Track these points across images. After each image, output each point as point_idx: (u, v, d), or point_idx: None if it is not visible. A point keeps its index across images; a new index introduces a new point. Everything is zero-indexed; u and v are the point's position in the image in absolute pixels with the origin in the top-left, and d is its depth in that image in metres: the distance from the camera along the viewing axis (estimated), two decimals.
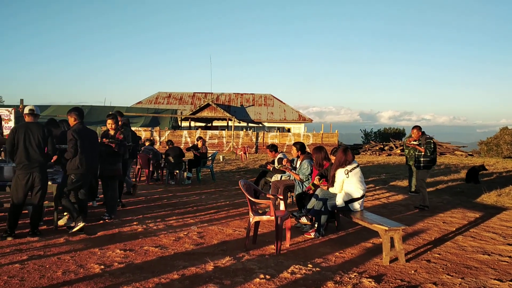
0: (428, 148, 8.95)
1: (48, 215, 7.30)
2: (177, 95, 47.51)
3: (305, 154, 8.25)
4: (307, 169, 7.77)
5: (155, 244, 5.91)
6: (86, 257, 5.25)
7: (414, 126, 9.61)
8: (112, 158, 7.45)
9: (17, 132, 6.01)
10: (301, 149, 8.36)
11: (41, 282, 4.38)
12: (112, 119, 7.62)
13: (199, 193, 10.83)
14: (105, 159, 7.34)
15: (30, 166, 6.01)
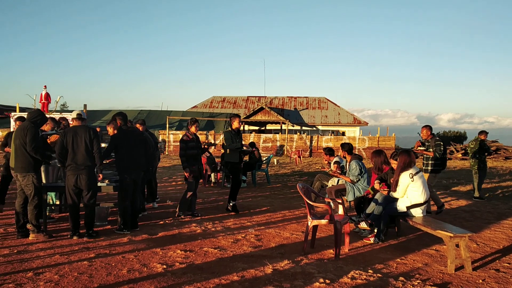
0: (438, 151, 8.55)
1: (113, 215, 7.59)
2: (231, 99, 48.13)
3: (353, 155, 8.26)
4: (356, 169, 7.74)
5: (214, 245, 6.01)
6: (149, 256, 5.42)
7: (425, 125, 9.17)
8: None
9: (66, 136, 6.29)
10: (349, 151, 8.38)
11: (108, 279, 4.57)
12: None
13: (255, 196, 10.89)
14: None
15: (78, 168, 6.26)
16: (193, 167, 7.86)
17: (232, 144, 8.30)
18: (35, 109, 7.44)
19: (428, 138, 8.95)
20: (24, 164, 6.19)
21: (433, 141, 8.76)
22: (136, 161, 6.81)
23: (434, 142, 8.73)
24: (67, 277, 4.60)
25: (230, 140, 8.33)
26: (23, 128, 6.23)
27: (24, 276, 4.60)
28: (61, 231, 6.58)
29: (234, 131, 8.44)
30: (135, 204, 6.90)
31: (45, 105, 28.57)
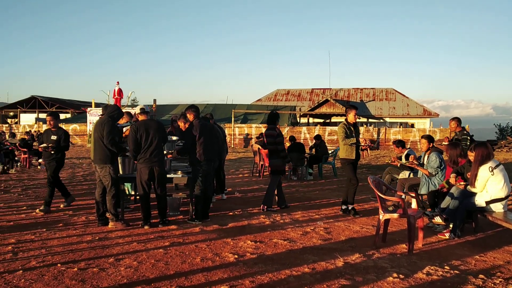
0: (463, 144, 7.97)
1: (184, 205, 7.83)
2: (295, 92, 47.94)
3: (433, 147, 7.87)
4: (435, 161, 7.38)
5: (283, 237, 6.03)
6: (220, 246, 5.55)
7: (453, 118, 8.73)
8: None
9: (138, 130, 6.52)
10: (431, 142, 7.98)
11: (183, 267, 4.74)
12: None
13: (322, 189, 10.81)
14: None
15: (151, 161, 6.49)
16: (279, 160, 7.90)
17: (348, 138, 7.48)
18: (112, 104, 7.79)
19: (456, 130, 8.65)
20: (101, 156, 6.54)
21: (461, 134, 8.47)
22: (209, 153, 6.97)
23: (461, 136, 8.43)
24: (145, 263, 4.82)
25: (345, 134, 7.50)
26: (102, 122, 6.57)
27: (106, 261, 4.88)
28: (137, 220, 6.88)
29: (350, 124, 7.67)
30: (207, 195, 7.07)
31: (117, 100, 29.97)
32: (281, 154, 7.87)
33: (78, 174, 13.78)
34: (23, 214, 7.38)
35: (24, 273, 4.45)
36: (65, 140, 7.97)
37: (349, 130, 7.54)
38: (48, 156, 7.86)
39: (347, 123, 7.65)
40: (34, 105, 46.60)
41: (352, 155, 7.55)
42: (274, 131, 7.87)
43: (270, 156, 7.96)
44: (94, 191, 7.47)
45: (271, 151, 7.93)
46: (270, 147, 7.90)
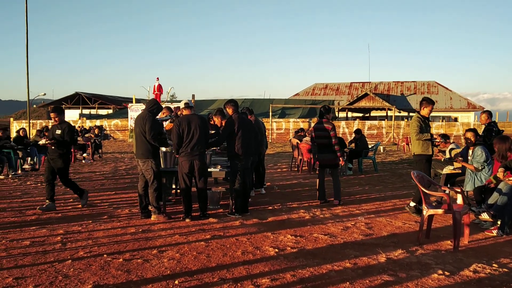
0: (488, 136, 7.85)
1: (224, 199, 7.90)
2: (333, 86, 47.41)
3: (477, 141, 7.62)
4: (481, 156, 7.11)
5: (323, 232, 5.99)
6: (260, 240, 5.57)
7: (484, 110, 8.61)
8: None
9: (181, 125, 6.61)
10: (477, 136, 7.74)
11: (224, 259, 4.79)
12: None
13: (362, 184, 10.66)
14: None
15: (192, 154, 6.57)
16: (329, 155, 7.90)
17: (422, 133, 6.99)
18: (152, 99, 7.89)
19: (486, 122, 8.55)
20: (143, 151, 6.69)
21: (486, 127, 8.38)
22: (247, 147, 7.00)
23: (486, 128, 8.34)
24: (187, 255, 4.90)
25: (419, 129, 7.02)
26: (143, 117, 6.71)
27: (149, 253, 4.99)
28: (178, 213, 7.00)
29: (424, 118, 7.24)
30: (246, 189, 7.11)
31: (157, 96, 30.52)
32: (331, 148, 7.85)
33: (121, 168, 14.15)
34: (69, 206, 7.65)
35: (73, 263, 4.62)
36: (68, 133, 7.49)
37: (424, 124, 7.11)
38: (52, 152, 7.48)
39: (422, 116, 7.20)
40: (78, 101, 48.15)
41: (429, 151, 7.08)
42: (328, 124, 7.83)
43: (319, 150, 7.91)
44: (136, 185, 7.65)
45: (320, 145, 7.88)
46: (319, 140, 7.85)
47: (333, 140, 7.80)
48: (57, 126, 7.53)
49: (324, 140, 7.87)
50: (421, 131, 7.00)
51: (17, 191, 9.29)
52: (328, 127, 7.83)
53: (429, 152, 7.07)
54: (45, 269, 4.42)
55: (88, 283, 4.07)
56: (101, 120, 35.13)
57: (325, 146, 7.89)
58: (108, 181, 11.02)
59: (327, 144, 7.86)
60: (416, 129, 7.00)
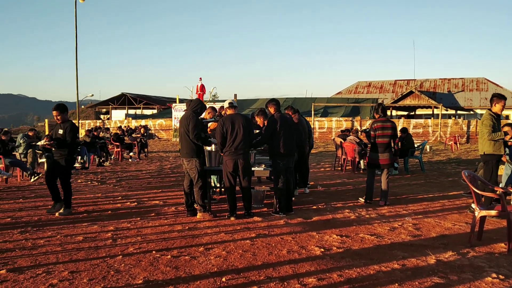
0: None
1: (268, 198, 7.92)
2: (377, 84, 46.52)
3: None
4: None
5: (370, 232, 5.90)
6: (305, 239, 5.55)
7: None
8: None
9: (225, 124, 6.67)
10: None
11: (270, 258, 4.80)
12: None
13: (408, 184, 10.42)
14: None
15: (236, 153, 6.61)
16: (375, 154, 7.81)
17: (495, 133, 6.58)
18: (195, 99, 7.99)
19: None
20: (188, 150, 6.80)
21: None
22: (289, 147, 6.99)
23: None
24: (233, 253, 4.95)
25: (492, 128, 6.62)
26: (186, 117, 6.82)
27: (196, 250, 5.08)
28: (223, 211, 7.08)
29: (496, 115, 6.80)
30: (290, 188, 7.10)
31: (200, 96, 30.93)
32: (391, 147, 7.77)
33: (166, 167, 14.46)
34: (118, 204, 7.89)
35: (123, 258, 4.76)
36: (70, 133, 7.01)
37: (497, 122, 6.72)
38: (55, 152, 7.13)
39: (494, 114, 6.74)
40: (124, 102, 49.55)
41: (501, 150, 6.72)
42: (380, 123, 7.71)
43: (377, 149, 7.77)
44: (181, 183, 7.80)
45: (381, 144, 7.75)
46: (383, 139, 7.72)
47: (395, 139, 7.69)
48: (60, 125, 7.16)
49: (387, 138, 7.72)
50: (494, 130, 6.62)
51: None
52: (393, 125, 7.73)
53: (501, 152, 6.73)
54: (98, 264, 4.58)
55: (139, 278, 4.19)
56: (146, 120, 36.01)
57: (386, 145, 7.74)
58: (154, 179, 11.29)
59: (388, 143, 7.74)
60: (489, 128, 6.61)
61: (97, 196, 8.68)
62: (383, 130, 7.69)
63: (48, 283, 4.05)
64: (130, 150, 17.57)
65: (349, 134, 13.74)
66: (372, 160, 7.87)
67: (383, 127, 7.71)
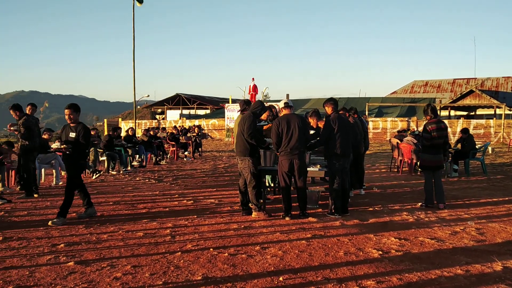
0: None
1: (322, 199, 7.85)
2: (434, 83, 44.94)
3: None
4: None
5: (430, 236, 5.72)
6: (362, 241, 5.46)
7: None
8: None
9: (280, 124, 6.66)
10: None
11: (326, 259, 4.76)
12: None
13: (469, 187, 9.98)
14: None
15: (291, 153, 6.59)
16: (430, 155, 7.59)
17: None
18: (257, 100, 8.04)
19: None
20: (242, 149, 6.87)
21: None
22: (345, 148, 6.90)
23: None
24: (289, 253, 4.94)
25: None
26: (244, 117, 6.89)
27: (253, 249, 5.12)
28: (277, 211, 7.09)
29: None
30: (346, 189, 7.01)
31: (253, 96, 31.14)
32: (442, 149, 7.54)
33: (219, 166, 14.67)
34: (176, 202, 8.10)
35: (182, 255, 4.88)
36: (84, 137, 6.62)
37: None
38: (67, 157, 6.84)
39: None
40: (178, 102, 50.74)
41: None
42: (435, 124, 7.48)
43: (432, 150, 7.56)
44: (235, 182, 7.90)
45: (436, 146, 7.53)
46: (438, 141, 7.49)
47: (447, 139, 7.48)
48: (71, 128, 6.66)
49: (441, 140, 7.50)
50: None
51: (128, 186, 10.03)
52: (446, 126, 7.51)
53: None
54: (158, 260, 4.73)
55: (198, 274, 4.28)
56: (199, 120, 36.71)
57: (441, 146, 7.54)
58: (208, 178, 11.49)
59: (442, 144, 7.53)
60: None
61: (155, 194, 8.95)
62: (438, 131, 7.44)
63: (113, 276, 4.22)
64: (185, 149, 17.97)
65: (406, 135, 13.36)
66: (427, 162, 7.62)
67: (438, 128, 7.45)
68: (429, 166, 7.60)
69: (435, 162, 7.53)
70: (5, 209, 7.36)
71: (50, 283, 4.05)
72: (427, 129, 7.48)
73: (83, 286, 3.99)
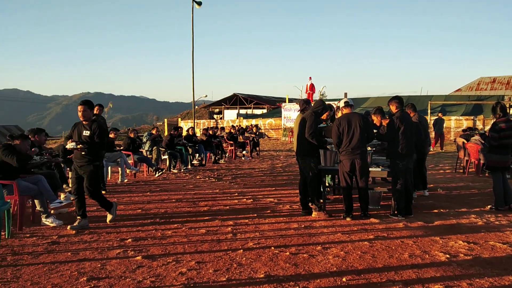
0: None
1: (384, 200, 7.67)
2: (503, 79, 42.63)
3: None
4: None
5: (501, 240, 5.43)
6: (428, 244, 5.28)
7: None
8: None
9: (341, 124, 6.57)
10: None
11: (390, 261, 4.65)
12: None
13: None
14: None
15: (353, 153, 6.49)
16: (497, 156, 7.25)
17: None
18: (318, 99, 8.00)
19: None
20: (302, 149, 6.87)
21: None
22: (409, 147, 6.70)
23: None
24: (352, 254, 4.87)
25: None
26: (305, 117, 6.87)
27: (314, 248, 5.09)
28: (337, 211, 7.01)
29: None
30: (409, 190, 6.81)
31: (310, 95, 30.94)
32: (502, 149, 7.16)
33: (277, 165, 14.70)
34: (235, 200, 8.20)
35: (244, 252, 4.94)
36: (100, 135, 6.07)
37: None
38: (80, 157, 6.07)
39: None
40: (235, 102, 51.41)
41: None
42: (505, 123, 7.11)
43: (502, 150, 7.21)
44: (294, 182, 7.87)
45: (507, 146, 7.19)
46: (507, 141, 7.14)
47: (503, 141, 7.07)
48: (84, 126, 6.11)
49: (510, 140, 7.14)
50: None
51: (189, 184, 10.29)
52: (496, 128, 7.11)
53: None
54: (221, 256, 4.81)
55: (260, 272, 4.31)
56: (256, 120, 36.97)
57: (508, 146, 7.18)
58: (267, 177, 11.54)
59: (510, 144, 7.15)
60: None
61: (215, 192, 9.12)
62: (508, 131, 7.04)
63: (178, 271, 4.35)
64: (243, 148, 18.17)
65: (472, 134, 12.77)
66: (494, 163, 7.24)
67: (508, 128, 7.04)
68: (497, 167, 7.23)
69: (503, 163, 7.17)
70: None
71: (120, 276, 4.24)
72: (496, 129, 7.11)
73: (150, 280, 4.14)
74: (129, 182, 10.78)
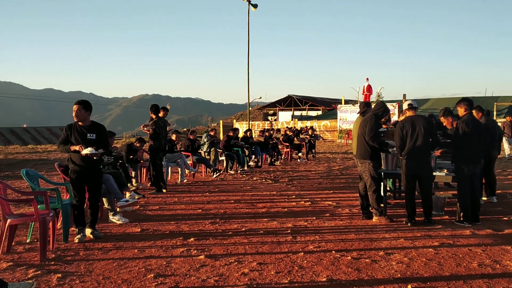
0: None
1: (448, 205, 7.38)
2: None
3: None
4: None
5: None
6: (498, 253, 5.04)
7: None
8: None
9: (404, 127, 6.39)
10: None
11: (458, 270, 4.48)
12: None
13: None
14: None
15: (417, 156, 6.32)
16: None
17: None
18: (379, 101, 7.85)
19: None
20: (362, 152, 6.74)
21: None
22: (477, 151, 6.43)
23: None
24: (416, 261, 4.74)
25: None
26: (365, 119, 6.75)
27: (376, 254, 4.99)
28: (398, 216, 6.83)
29: None
30: (476, 196, 6.52)
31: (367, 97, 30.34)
32: None
33: (334, 168, 14.54)
34: (293, 202, 8.19)
35: (304, 255, 4.93)
36: (107, 138, 5.88)
37: None
38: (96, 162, 5.57)
39: None
40: (290, 104, 51.35)
41: None
42: None
43: None
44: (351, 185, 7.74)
45: None
46: None
47: None
48: (84, 127, 5.55)
49: None
50: None
51: (246, 186, 10.39)
52: None
53: None
54: (282, 258, 4.83)
55: (322, 276, 4.29)
56: (311, 121, 36.74)
57: None
58: (324, 180, 11.44)
59: None
60: None
61: (272, 194, 9.16)
62: None
63: (241, 272, 4.41)
64: (298, 150, 18.11)
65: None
66: None
67: None
68: None
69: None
70: (140, 203, 8.05)
71: (185, 274, 4.36)
72: None
73: (214, 279, 4.22)
74: (188, 182, 11.04)
